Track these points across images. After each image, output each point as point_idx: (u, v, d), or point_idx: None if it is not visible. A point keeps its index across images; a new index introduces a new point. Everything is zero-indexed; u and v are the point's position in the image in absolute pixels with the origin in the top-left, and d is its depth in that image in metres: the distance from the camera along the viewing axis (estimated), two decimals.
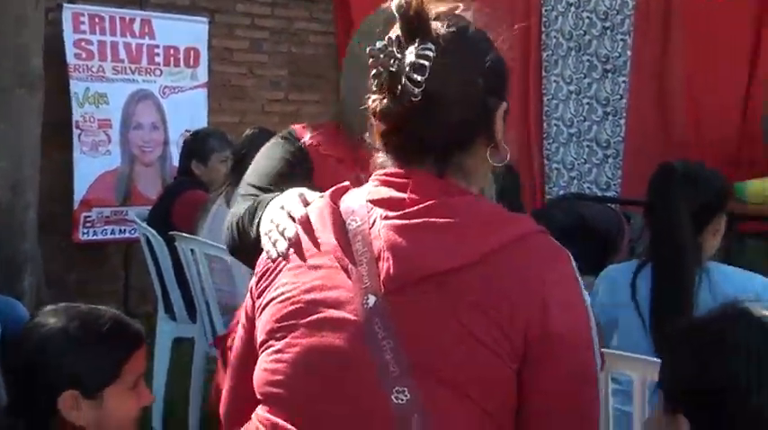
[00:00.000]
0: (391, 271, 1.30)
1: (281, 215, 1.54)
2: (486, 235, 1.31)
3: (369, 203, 1.38)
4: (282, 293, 1.40)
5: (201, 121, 5.70)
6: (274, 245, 1.48)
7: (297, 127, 2.18)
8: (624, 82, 7.61)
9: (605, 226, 3.97)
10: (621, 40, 7.56)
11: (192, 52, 5.75)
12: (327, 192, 1.46)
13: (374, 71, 1.36)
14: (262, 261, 1.50)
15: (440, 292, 1.29)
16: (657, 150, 7.83)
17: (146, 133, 5.69)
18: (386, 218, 1.34)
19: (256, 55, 6.22)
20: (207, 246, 3.64)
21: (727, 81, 8.29)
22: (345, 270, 1.35)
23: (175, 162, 5.44)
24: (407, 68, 1.32)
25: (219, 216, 3.79)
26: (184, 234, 3.79)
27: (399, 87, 1.33)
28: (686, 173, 2.50)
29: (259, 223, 1.69)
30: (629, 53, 7.59)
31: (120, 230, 5.55)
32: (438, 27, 1.35)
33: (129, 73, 5.57)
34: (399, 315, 1.29)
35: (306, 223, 1.45)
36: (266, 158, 2.13)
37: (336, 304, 1.34)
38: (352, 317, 1.32)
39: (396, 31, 1.37)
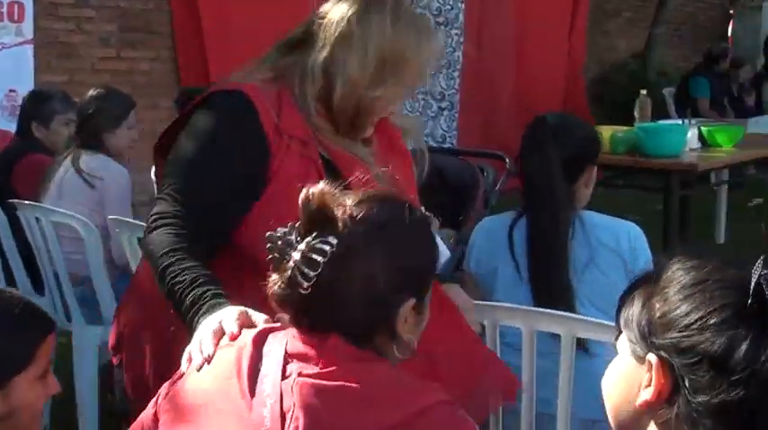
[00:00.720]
0: None
1: (210, 332, 1.50)
2: (393, 407, 1.32)
3: (286, 354, 1.37)
4: None
5: (28, 81, 5.38)
6: (190, 359, 1.47)
7: (247, 89, 1.85)
8: (457, 34, 7.71)
9: (460, 178, 4.00)
10: None
11: (15, 6, 5.40)
12: (252, 332, 1.44)
13: (269, 256, 1.36)
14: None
15: None
16: (490, 102, 8.02)
17: None
18: (301, 375, 1.34)
19: (83, 9, 5.91)
20: (54, 213, 3.44)
21: (554, 34, 8.57)
22: (247, 416, 1.33)
23: None
24: (299, 261, 1.32)
25: (68, 182, 3.60)
26: (27, 201, 3.57)
27: (292, 277, 1.33)
28: (558, 125, 2.54)
29: (197, 324, 1.60)
30: (461, 5, 7.70)
31: None
32: (346, 221, 1.35)
33: None
34: None
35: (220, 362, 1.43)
36: (215, 144, 1.81)
37: None
38: None
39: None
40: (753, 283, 1.07)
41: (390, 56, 1.88)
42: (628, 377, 1.17)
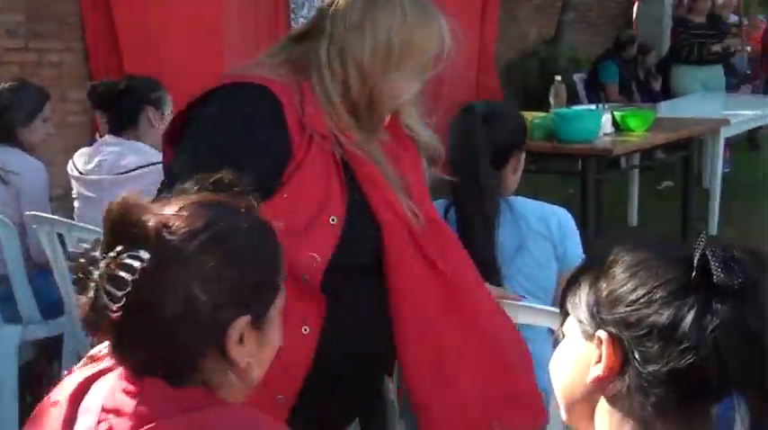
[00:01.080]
0: None
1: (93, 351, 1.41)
2: None
3: (102, 409, 1.21)
4: None
5: None
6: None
7: (269, 83, 1.79)
8: None
9: None
10: None
11: None
12: (74, 384, 1.28)
13: (74, 277, 1.19)
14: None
15: None
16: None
17: None
18: None
19: None
20: None
21: (465, 21, 8.59)
22: None
23: None
24: (104, 279, 1.15)
25: None
26: None
27: (98, 300, 1.16)
28: (485, 113, 2.56)
29: None
30: None
31: None
32: (159, 231, 1.17)
33: None
34: None
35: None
36: (231, 139, 1.74)
37: None
38: None
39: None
40: (697, 257, 1.11)
41: (400, 42, 1.84)
42: (577, 357, 1.20)
